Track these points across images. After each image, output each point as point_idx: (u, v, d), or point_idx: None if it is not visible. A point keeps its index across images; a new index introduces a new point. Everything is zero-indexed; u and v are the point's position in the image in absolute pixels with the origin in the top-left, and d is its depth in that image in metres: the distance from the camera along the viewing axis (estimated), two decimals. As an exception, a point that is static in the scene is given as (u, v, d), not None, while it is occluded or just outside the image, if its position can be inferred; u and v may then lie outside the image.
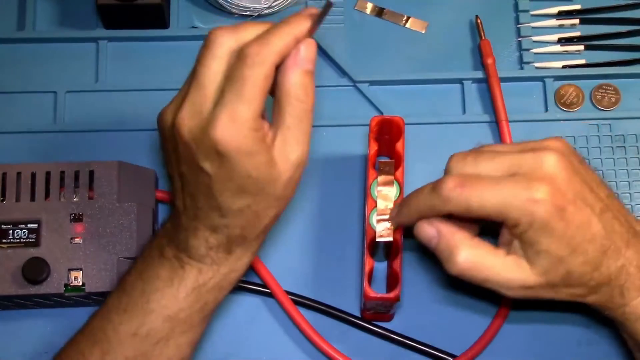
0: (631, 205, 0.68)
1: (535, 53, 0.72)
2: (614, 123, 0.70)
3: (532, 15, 0.73)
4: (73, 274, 0.61)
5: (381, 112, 0.70)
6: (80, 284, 0.61)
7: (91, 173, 0.62)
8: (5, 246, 0.61)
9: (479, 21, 0.72)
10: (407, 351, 0.64)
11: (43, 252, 0.61)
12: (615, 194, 0.55)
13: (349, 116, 0.70)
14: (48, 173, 0.62)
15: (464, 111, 0.71)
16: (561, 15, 0.73)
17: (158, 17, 0.71)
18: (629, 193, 0.68)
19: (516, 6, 0.73)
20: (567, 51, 0.72)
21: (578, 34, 0.73)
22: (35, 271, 0.60)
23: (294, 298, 0.65)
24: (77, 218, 0.62)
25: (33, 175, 0.62)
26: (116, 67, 0.72)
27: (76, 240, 0.61)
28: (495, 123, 0.70)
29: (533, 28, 0.73)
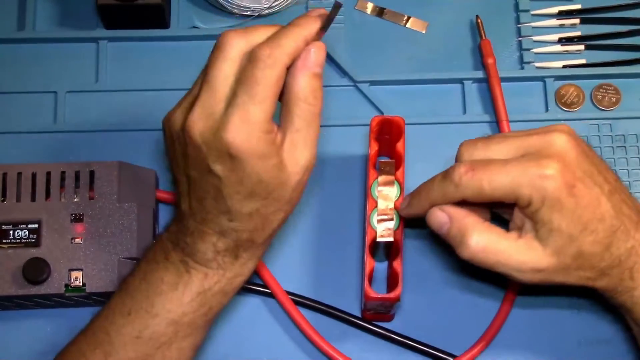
0: (631, 205, 0.68)
1: (535, 53, 0.72)
2: (615, 123, 0.70)
3: (533, 15, 0.73)
4: (73, 274, 0.61)
5: (381, 112, 0.70)
6: (80, 284, 0.61)
7: (91, 173, 0.62)
8: (5, 246, 0.61)
9: (480, 21, 0.72)
10: (407, 351, 0.64)
11: (43, 253, 0.61)
12: (622, 181, 0.55)
13: (350, 116, 0.70)
14: (48, 173, 0.62)
15: (465, 111, 0.71)
16: (561, 15, 0.73)
17: (158, 17, 0.71)
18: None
19: (516, 6, 0.73)
20: (568, 51, 0.72)
21: (578, 34, 0.72)
22: (35, 271, 0.60)
23: (295, 298, 0.65)
24: (78, 218, 0.62)
25: (33, 175, 0.62)
26: (116, 67, 0.72)
27: (77, 240, 0.61)
28: (495, 123, 0.70)
29: (533, 28, 0.73)
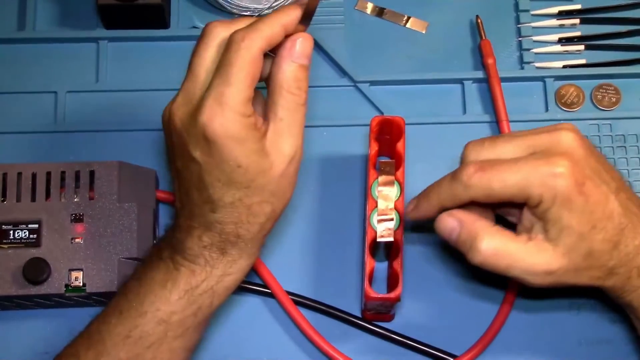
0: (632, 205, 0.68)
1: (535, 53, 0.72)
2: (615, 123, 0.70)
3: (533, 15, 0.73)
4: (74, 275, 0.61)
5: (381, 112, 0.70)
6: (80, 285, 0.61)
7: (92, 173, 0.62)
8: (5, 246, 0.61)
9: (480, 21, 0.72)
10: (407, 351, 0.64)
11: (44, 253, 0.61)
12: (626, 180, 0.56)
13: (350, 116, 0.70)
14: (49, 173, 0.62)
15: (465, 111, 0.71)
16: (561, 15, 0.73)
17: (158, 17, 0.71)
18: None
19: (516, 6, 0.73)
20: (568, 51, 0.72)
21: (578, 34, 0.73)
22: (35, 271, 0.60)
23: (295, 298, 0.65)
24: (78, 218, 0.62)
25: (34, 175, 0.62)
26: (116, 67, 0.72)
27: (77, 240, 0.61)
28: (495, 123, 0.70)
29: (533, 28, 0.73)
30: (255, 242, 0.54)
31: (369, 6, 0.74)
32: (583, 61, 0.72)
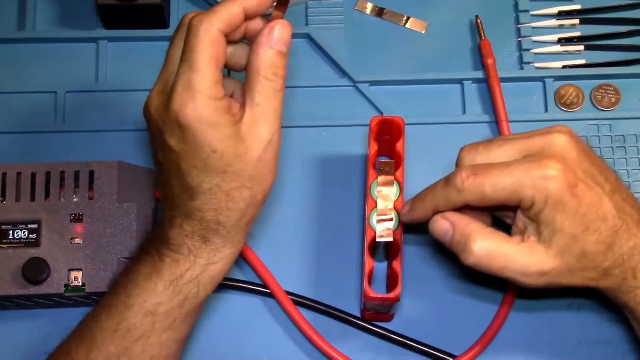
0: (631, 205, 0.68)
1: (535, 53, 0.72)
2: (614, 123, 0.70)
3: (532, 15, 0.73)
4: (73, 274, 0.61)
5: (381, 112, 0.70)
6: (80, 284, 0.61)
7: (91, 173, 0.62)
8: (5, 246, 0.61)
9: (479, 21, 0.72)
10: (407, 351, 0.64)
11: (43, 252, 0.61)
12: (622, 180, 0.56)
13: (349, 116, 0.70)
14: (48, 173, 0.62)
15: (464, 111, 0.71)
16: (561, 15, 0.73)
17: (158, 17, 0.71)
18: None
19: (516, 6, 0.73)
20: (567, 51, 0.72)
21: (578, 34, 0.72)
22: (35, 271, 0.60)
23: (294, 298, 0.65)
24: (77, 218, 0.62)
25: (33, 175, 0.62)
26: (116, 67, 0.72)
27: (76, 240, 0.61)
28: (495, 123, 0.70)
29: (533, 28, 0.73)
30: (237, 230, 0.54)
31: (369, 6, 0.74)
32: (583, 61, 0.72)
